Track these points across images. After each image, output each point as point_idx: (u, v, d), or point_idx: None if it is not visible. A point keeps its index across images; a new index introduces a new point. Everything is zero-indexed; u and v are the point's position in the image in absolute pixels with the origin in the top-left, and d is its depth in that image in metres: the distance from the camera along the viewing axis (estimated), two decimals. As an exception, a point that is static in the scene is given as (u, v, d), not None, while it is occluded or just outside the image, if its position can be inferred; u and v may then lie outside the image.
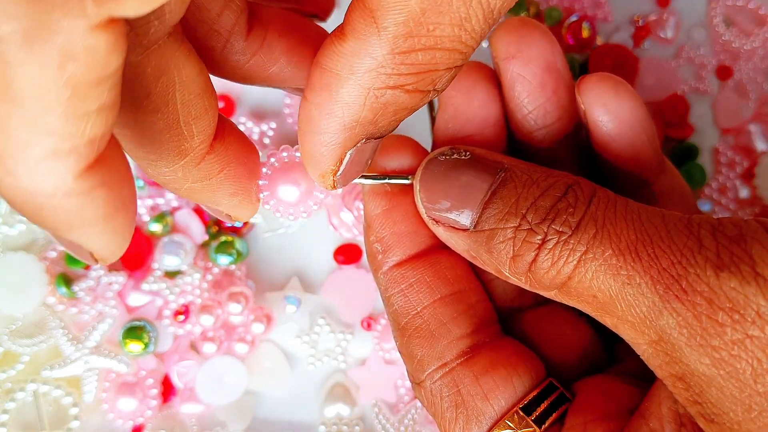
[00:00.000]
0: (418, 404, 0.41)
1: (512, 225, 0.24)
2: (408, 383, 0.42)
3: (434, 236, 0.28)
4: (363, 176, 0.27)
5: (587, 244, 0.23)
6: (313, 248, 0.42)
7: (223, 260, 0.41)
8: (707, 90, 0.44)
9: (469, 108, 0.28)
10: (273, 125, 0.43)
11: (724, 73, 0.44)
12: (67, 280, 0.40)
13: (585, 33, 0.43)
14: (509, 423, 0.26)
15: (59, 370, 0.40)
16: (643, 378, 0.26)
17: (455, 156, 0.26)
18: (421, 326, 0.27)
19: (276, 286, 0.42)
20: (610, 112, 0.27)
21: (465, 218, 0.25)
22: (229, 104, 0.43)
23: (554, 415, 0.26)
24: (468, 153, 0.26)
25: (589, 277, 0.23)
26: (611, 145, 0.28)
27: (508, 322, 0.29)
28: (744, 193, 0.43)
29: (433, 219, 0.26)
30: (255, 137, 0.43)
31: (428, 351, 0.27)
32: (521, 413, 0.26)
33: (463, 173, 0.26)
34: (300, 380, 0.42)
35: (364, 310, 0.42)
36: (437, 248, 0.28)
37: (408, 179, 0.27)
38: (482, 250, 0.25)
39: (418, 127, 0.36)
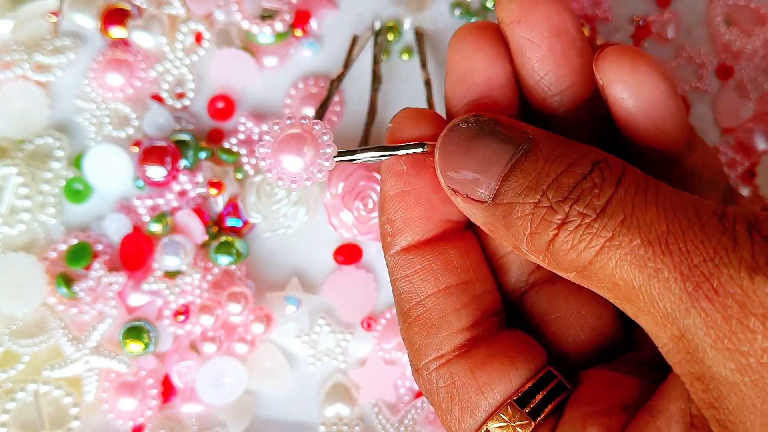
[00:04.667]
0: (418, 404, 0.41)
1: (531, 201, 0.23)
2: (408, 383, 0.42)
3: (446, 223, 0.27)
4: (376, 148, 0.26)
5: (613, 231, 0.22)
6: (313, 248, 0.42)
7: (223, 260, 0.41)
8: (707, 90, 0.44)
9: (474, 69, 0.27)
10: (273, 125, 0.43)
11: (724, 72, 0.44)
12: (67, 280, 0.40)
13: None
14: (503, 416, 0.25)
15: (59, 370, 0.40)
16: (659, 368, 0.25)
17: (478, 124, 0.25)
18: (422, 315, 0.26)
19: (276, 286, 0.42)
20: (629, 89, 0.25)
21: (483, 190, 0.24)
22: (229, 104, 0.43)
23: (550, 406, 0.25)
24: (492, 121, 0.25)
25: (612, 264, 0.22)
26: (633, 123, 0.26)
27: (522, 300, 0.29)
28: (745, 192, 0.43)
29: (452, 189, 0.25)
30: (255, 137, 0.43)
31: (426, 341, 0.26)
32: (515, 405, 0.25)
33: (484, 142, 0.24)
34: (300, 380, 0.42)
35: (364, 310, 0.42)
36: (448, 235, 0.27)
37: (423, 148, 0.26)
38: (500, 225, 0.24)
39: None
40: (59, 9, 0.44)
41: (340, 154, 0.26)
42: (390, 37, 0.44)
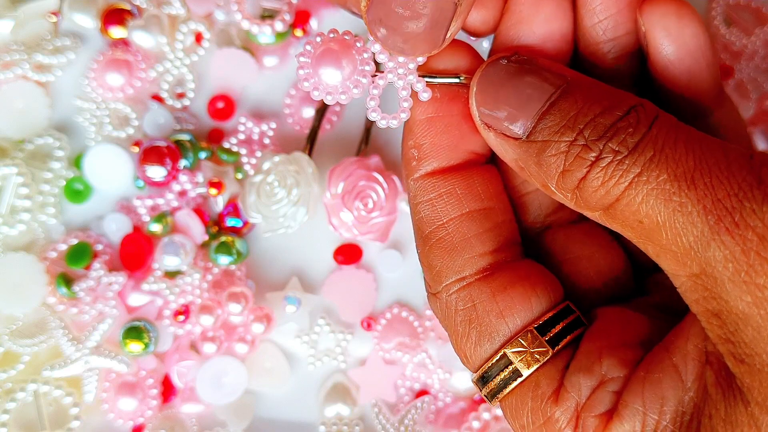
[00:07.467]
0: (418, 404, 0.41)
1: (567, 139, 0.24)
2: (408, 383, 0.42)
3: (472, 153, 0.27)
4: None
5: (642, 166, 0.22)
6: (313, 248, 0.42)
7: (223, 260, 0.41)
8: (707, 90, 0.44)
9: (535, 19, 0.27)
10: (273, 125, 0.43)
11: (724, 72, 0.44)
12: (67, 280, 0.40)
13: None
14: (522, 341, 0.25)
15: (59, 370, 0.40)
16: (668, 313, 0.26)
17: (518, 62, 0.25)
18: (444, 238, 0.26)
19: (276, 286, 0.42)
20: (671, 35, 0.26)
21: (518, 126, 0.25)
22: (229, 104, 0.43)
23: (568, 337, 0.26)
24: (531, 60, 0.25)
25: (639, 200, 0.22)
26: (669, 70, 0.27)
27: (538, 239, 0.29)
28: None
29: (486, 124, 0.25)
30: (255, 137, 0.43)
31: (448, 263, 0.26)
32: (535, 332, 0.25)
33: (523, 80, 0.25)
34: (300, 380, 0.42)
35: (364, 310, 0.42)
36: (473, 164, 0.28)
37: (460, 78, 0.26)
38: (531, 162, 0.24)
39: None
40: (59, 9, 0.44)
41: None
42: (390, 37, 0.44)
